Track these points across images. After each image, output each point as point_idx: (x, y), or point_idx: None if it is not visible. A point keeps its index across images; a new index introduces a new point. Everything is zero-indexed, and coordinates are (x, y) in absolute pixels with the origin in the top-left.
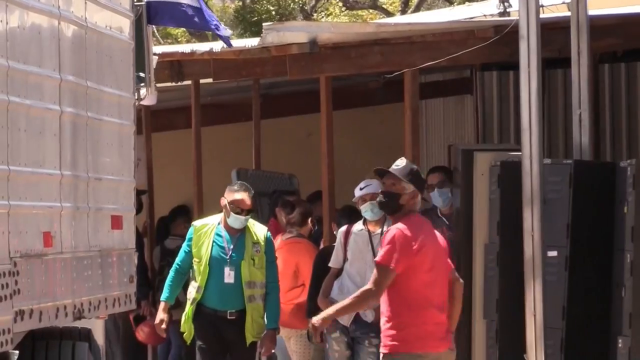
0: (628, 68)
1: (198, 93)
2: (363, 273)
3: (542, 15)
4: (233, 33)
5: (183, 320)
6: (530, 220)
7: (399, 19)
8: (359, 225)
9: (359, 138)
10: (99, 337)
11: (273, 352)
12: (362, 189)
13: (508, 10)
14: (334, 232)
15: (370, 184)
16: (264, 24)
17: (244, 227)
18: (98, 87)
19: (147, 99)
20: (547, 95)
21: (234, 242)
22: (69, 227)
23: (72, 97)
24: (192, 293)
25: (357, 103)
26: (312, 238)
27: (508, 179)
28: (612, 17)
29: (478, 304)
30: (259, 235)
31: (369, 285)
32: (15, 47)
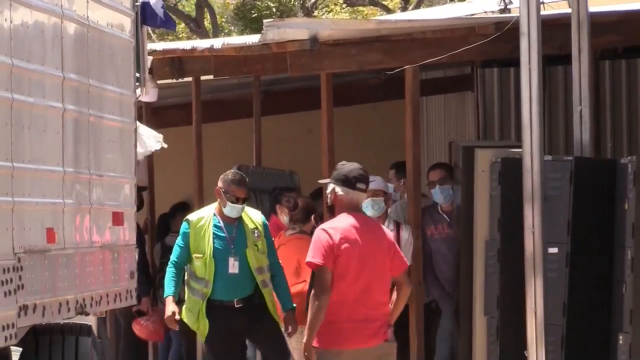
0: (629, 65)
1: (199, 90)
2: None
3: (542, 12)
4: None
5: (195, 318)
6: (531, 217)
7: (400, 16)
8: None
9: (360, 135)
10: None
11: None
12: None
13: (509, 7)
14: None
15: (373, 180)
16: (265, 21)
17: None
18: (100, 85)
19: (147, 96)
20: (547, 92)
21: (234, 231)
22: (72, 223)
23: (74, 95)
24: (196, 290)
25: (357, 100)
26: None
27: (509, 176)
28: (612, 13)
29: (479, 301)
30: (256, 220)
31: (314, 291)
32: (19, 45)
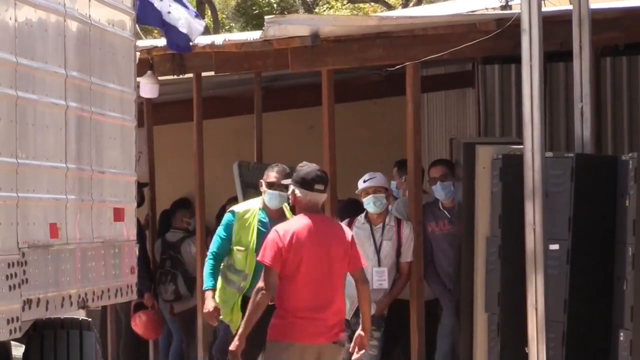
0: (630, 61)
1: (200, 86)
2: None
3: (544, 9)
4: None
5: (229, 310)
6: (532, 214)
7: (401, 12)
8: (361, 219)
9: (361, 131)
10: None
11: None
12: (365, 182)
13: (510, 4)
14: None
15: (374, 177)
16: (266, 17)
17: (283, 211)
18: (101, 82)
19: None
20: (548, 89)
21: None
22: (74, 218)
23: (76, 92)
24: (233, 282)
25: (358, 96)
26: None
27: (510, 172)
28: (613, 10)
29: (480, 297)
30: None
31: (258, 284)
32: (24, 43)
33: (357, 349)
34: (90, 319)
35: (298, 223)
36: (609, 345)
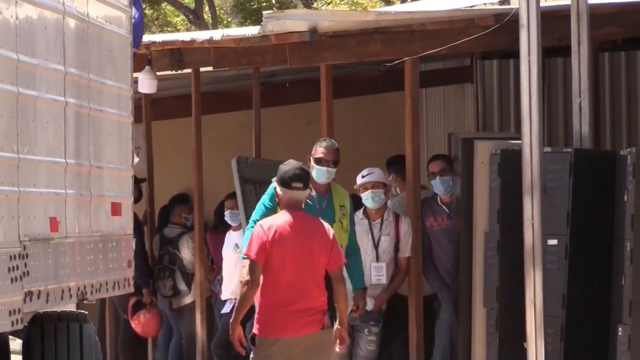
0: (628, 56)
1: (198, 81)
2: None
3: (542, 4)
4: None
5: None
6: (531, 209)
7: (400, 7)
8: (360, 214)
9: (360, 126)
10: None
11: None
12: (364, 177)
13: None
14: None
15: (373, 172)
16: (264, 12)
17: (329, 187)
18: (99, 79)
19: (145, 88)
20: (547, 84)
21: (324, 203)
22: (73, 212)
23: (75, 89)
24: None
25: (357, 91)
26: None
27: (508, 168)
28: (612, 5)
29: (478, 293)
30: (343, 198)
31: (245, 278)
32: (24, 41)
33: (337, 342)
34: (87, 312)
35: (281, 219)
36: (607, 340)
